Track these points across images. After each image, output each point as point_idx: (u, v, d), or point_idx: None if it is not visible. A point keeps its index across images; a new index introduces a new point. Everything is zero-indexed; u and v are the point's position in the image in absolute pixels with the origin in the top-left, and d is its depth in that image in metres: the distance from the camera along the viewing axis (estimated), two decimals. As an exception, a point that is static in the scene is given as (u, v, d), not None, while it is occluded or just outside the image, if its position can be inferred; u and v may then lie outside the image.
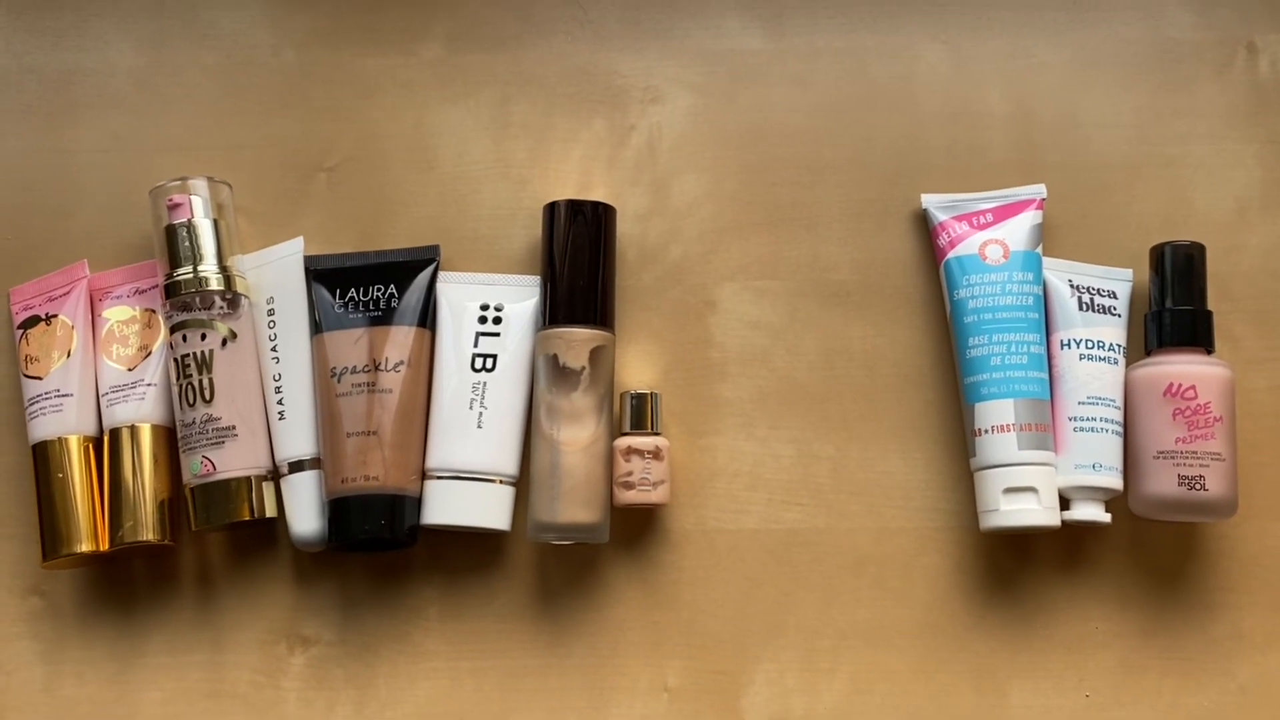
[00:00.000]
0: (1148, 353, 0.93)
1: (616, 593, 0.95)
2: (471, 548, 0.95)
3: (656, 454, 0.92)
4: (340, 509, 0.92)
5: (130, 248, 0.99)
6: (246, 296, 0.96)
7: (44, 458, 0.94)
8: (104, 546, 0.93)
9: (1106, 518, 0.91)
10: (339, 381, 0.93)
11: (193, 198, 0.95)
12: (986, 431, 0.91)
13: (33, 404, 0.95)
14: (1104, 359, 0.92)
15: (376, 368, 0.93)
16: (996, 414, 0.91)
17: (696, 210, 0.98)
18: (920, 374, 0.96)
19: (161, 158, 1.00)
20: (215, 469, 0.92)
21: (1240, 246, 0.97)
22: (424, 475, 0.93)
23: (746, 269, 0.98)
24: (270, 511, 0.94)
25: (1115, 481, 0.91)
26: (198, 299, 0.94)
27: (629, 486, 0.92)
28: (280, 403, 0.95)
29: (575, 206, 0.95)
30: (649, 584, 0.95)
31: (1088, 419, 0.91)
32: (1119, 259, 0.96)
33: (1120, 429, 0.92)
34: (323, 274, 0.96)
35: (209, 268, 0.94)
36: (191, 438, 0.93)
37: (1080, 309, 0.93)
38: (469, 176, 0.99)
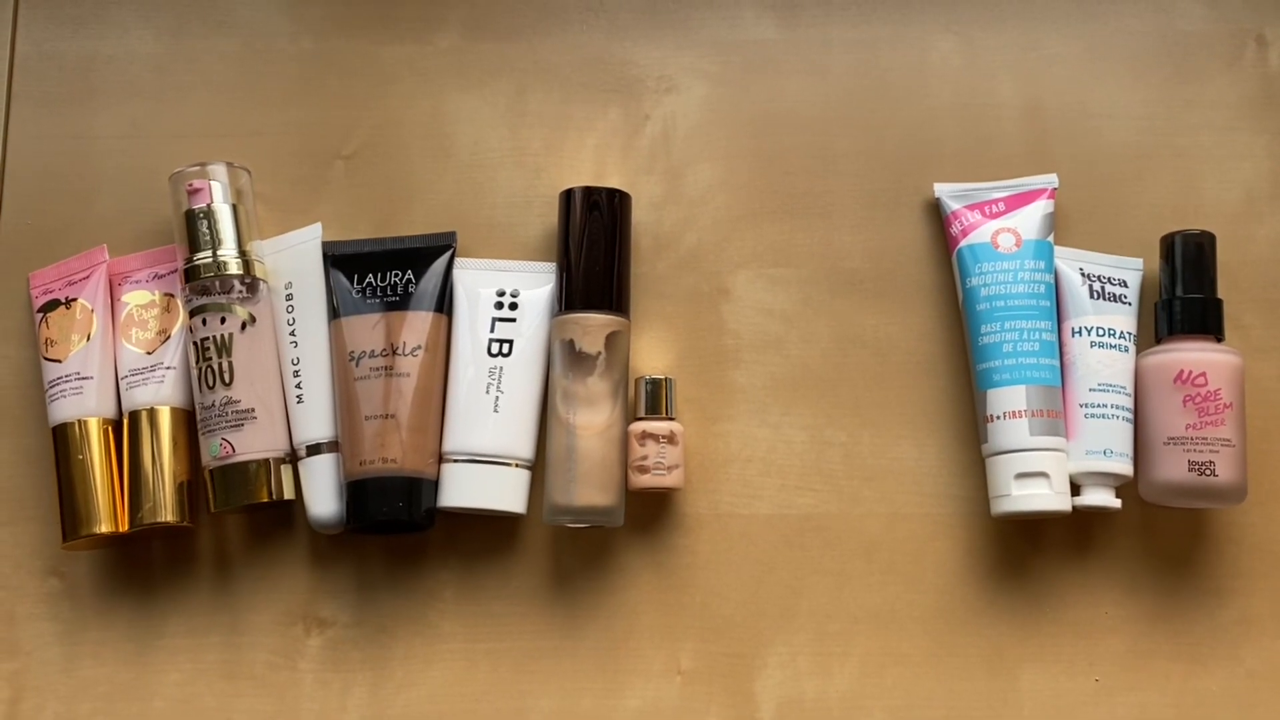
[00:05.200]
0: (1158, 340, 0.94)
1: (631, 576, 0.95)
2: (488, 531, 0.96)
3: (671, 439, 0.93)
4: (358, 491, 0.93)
5: (149, 233, 1.00)
6: (265, 281, 0.96)
7: (64, 440, 0.95)
8: (123, 528, 0.94)
9: (1117, 503, 0.92)
10: (357, 365, 0.94)
11: (212, 183, 0.96)
12: (999, 417, 0.92)
13: (53, 387, 0.96)
14: (1115, 346, 0.93)
15: (394, 352, 0.94)
16: (1009, 400, 0.92)
17: (711, 198, 0.99)
18: (932, 361, 0.97)
19: (180, 144, 1.00)
20: (234, 451, 0.93)
21: (1249, 237, 0.98)
22: (441, 459, 0.94)
23: (760, 257, 0.98)
24: (288, 494, 0.94)
25: (1126, 467, 0.92)
26: (217, 283, 0.94)
27: (644, 470, 0.93)
28: (298, 386, 0.95)
29: (591, 194, 0.95)
30: (663, 568, 0.95)
31: (1099, 405, 0.92)
32: (1130, 248, 0.96)
33: (1131, 415, 0.92)
34: (340, 260, 0.97)
35: (228, 252, 0.95)
36: (211, 420, 0.94)
37: (1091, 297, 0.94)
38: (485, 164, 1.00)
